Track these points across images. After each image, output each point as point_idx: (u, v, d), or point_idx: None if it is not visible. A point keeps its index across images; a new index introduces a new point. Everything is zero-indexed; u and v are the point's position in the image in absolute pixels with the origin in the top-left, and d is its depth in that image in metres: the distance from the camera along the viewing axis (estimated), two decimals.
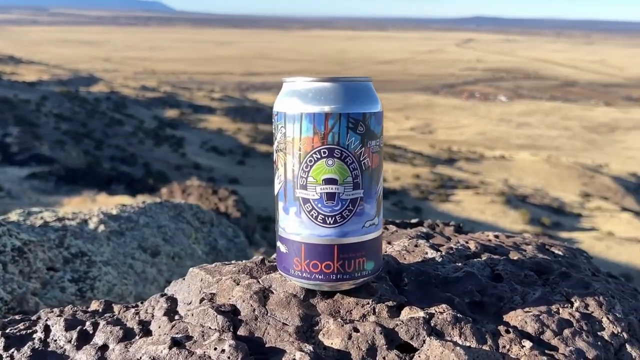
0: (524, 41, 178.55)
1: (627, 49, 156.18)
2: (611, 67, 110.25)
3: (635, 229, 27.78)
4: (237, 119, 48.83)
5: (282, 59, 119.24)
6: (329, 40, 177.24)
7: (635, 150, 46.30)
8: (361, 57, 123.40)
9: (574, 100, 72.42)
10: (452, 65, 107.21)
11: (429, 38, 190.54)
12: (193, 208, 1.90)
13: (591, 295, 0.60)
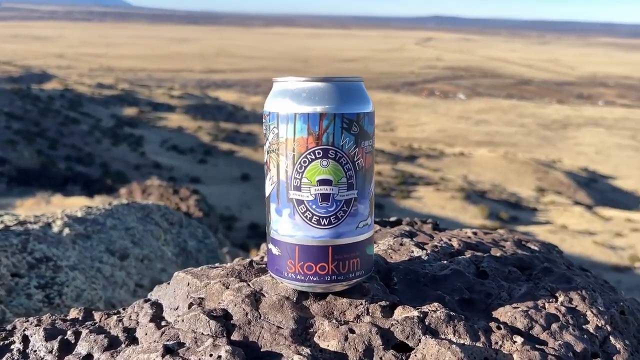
0: (481, 40, 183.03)
1: (579, 48, 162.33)
2: (564, 66, 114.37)
3: (586, 222, 28.93)
4: (198, 117, 48.10)
5: (243, 56, 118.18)
6: (291, 38, 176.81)
7: (586, 146, 48.21)
8: (323, 55, 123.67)
9: (529, 98, 74.77)
10: (413, 64, 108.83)
11: (390, 36, 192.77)
12: (161, 209, 1.86)
13: (574, 289, 0.62)
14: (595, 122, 58.00)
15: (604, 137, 51.48)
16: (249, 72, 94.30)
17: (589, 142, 49.56)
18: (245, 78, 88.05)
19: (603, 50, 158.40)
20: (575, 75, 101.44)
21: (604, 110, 66.90)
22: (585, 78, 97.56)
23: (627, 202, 35.74)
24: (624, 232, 27.39)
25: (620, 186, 39.34)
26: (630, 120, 59.03)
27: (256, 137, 44.41)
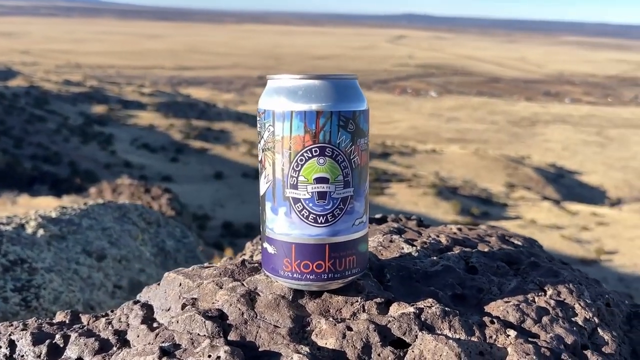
0: (452, 38, 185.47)
1: (546, 47, 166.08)
2: (532, 64, 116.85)
3: (554, 217, 29.68)
4: (170, 114, 47.41)
5: (215, 53, 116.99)
6: (263, 35, 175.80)
7: (553, 143, 49.40)
8: (296, 52, 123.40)
9: (499, 95, 76.15)
10: (385, 61, 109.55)
11: (362, 34, 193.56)
12: (138, 208, 1.82)
13: (561, 283, 0.63)
14: (562, 119, 59.48)
15: (570, 133, 52.84)
16: (221, 69, 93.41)
17: (556, 138, 50.81)
18: (217, 75, 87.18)
19: (569, 48, 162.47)
20: (542, 73, 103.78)
21: (570, 107, 68.65)
22: (552, 76, 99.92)
23: (593, 197, 36.80)
24: (590, 226, 28.19)
25: (586, 181, 40.46)
26: (595, 117, 60.74)
27: (229, 134, 44.04)
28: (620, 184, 39.75)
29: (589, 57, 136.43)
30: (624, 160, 44.70)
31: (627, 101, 76.06)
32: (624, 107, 69.93)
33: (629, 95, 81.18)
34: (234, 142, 41.62)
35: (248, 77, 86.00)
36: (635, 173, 41.69)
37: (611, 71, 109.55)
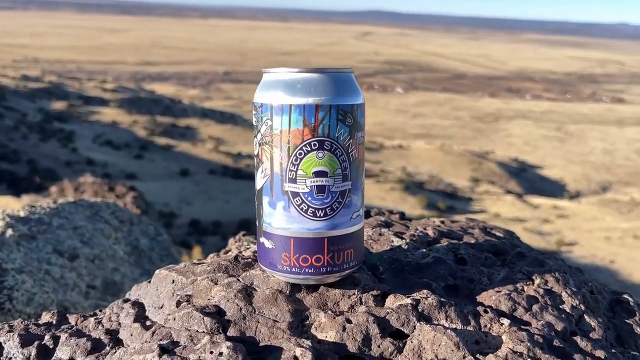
0: (417, 35, 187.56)
1: (509, 44, 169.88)
2: (494, 61, 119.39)
3: (517, 210, 30.50)
4: (133, 110, 46.44)
5: (179, 48, 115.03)
6: (229, 30, 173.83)
7: (516, 138, 50.68)
8: (262, 47, 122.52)
9: (463, 91, 77.51)
10: (352, 58, 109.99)
11: (329, 30, 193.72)
12: (110, 206, 1.78)
13: (548, 272, 0.65)
14: (524, 115, 61.06)
15: (531, 129, 54.31)
16: (186, 65, 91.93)
17: (518, 133, 52.11)
18: (182, 71, 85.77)
19: (530, 46, 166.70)
20: (505, 69, 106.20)
21: (531, 103, 70.54)
22: (514, 73, 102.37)
23: (553, 190, 37.98)
24: (550, 219, 29.11)
25: (547, 175, 41.71)
26: (555, 113, 62.60)
27: (195, 131, 43.45)
28: (579, 177, 41.14)
29: (549, 54, 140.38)
30: (583, 155, 46.28)
31: (585, 97, 78.65)
32: (582, 103, 72.31)
33: (587, 91, 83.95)
34: (200, 139, 41.10)
35: (214, 72, 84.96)
36: (593, 167, 43.24)
37: (570, 68, 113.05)
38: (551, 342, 0.54)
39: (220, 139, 41.03)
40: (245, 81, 75.90)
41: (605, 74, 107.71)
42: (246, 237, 0.98)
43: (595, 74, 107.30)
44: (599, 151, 47.05)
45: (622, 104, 72.53)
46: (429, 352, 0.51)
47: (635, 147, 47.93)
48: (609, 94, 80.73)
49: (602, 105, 70.40)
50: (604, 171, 42.24)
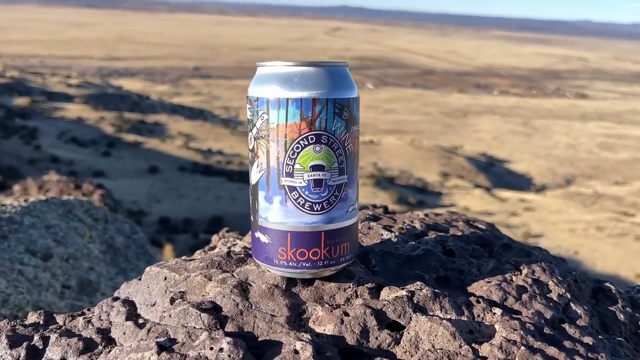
0: (387, 31, 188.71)
1: (476, 40, 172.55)
2: (462, 57, 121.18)
3: (486, 203, 31.12)
4: (100, 106, 45.39)
5: (147, 42, 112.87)
6: (198, 25, 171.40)
7: (484, 133, 51.61)
8: (232, 42, 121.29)
9: (433, 87, 78.45)
10: (323, 53, 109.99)
11: (299, 25, 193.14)
12: (84, 204, 1.74)
13: (534, 262, 0.67)
14: (492, 110, 62.22)
15: (499, 124, 55.40)
16: (154, 60, 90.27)
17: (486, 129, 53.08)
18: (150, 66, 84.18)
19: (497, 42, 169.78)
20: (472, 65, 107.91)
21: (499, 99, 71.93)
22: (482, 69, 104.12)
23: (520, 184, 38.86)
24: (518, 212, 29.80)
25: (514, 169, 42.64)
26: (521, 108, 64.01)
27: (164, 127, 42.75)
28: (544, 171, 42.21)
29: (515, 51, 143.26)
30: (548, 149, 47.49)
31: (550, 93, 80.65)
32: (547, 99, 74.14)
33: (551, 87, 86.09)
34: (169, 135, 40.47)
35: (183, 68, 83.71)
36: (558, 161, 44.42)
37: (535, 64, 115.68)
38: (542, 329, 0.55)
39: (190, 135, 40.50)
40: (215, 76, 75.04)
41: (568, 70, 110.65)
42: (230, 234, 0.97)
43: (559, 70, 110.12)
44: (563, 145, 48.37)
45: (584, 100, 74.67)
46: (425, 343, 0.52)
47: (598, 142, 49.47)
48: (573, 90, 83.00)
49: (566, 101, 72.33)
50: (568, 165, 43.45)
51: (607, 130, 53.79)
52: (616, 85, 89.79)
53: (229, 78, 73.33)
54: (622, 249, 24.45)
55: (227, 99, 59.47)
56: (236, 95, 61.37)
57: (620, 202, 32.67)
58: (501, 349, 0.51)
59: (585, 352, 0.53)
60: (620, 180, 39.20)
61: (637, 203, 32.54)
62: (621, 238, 25.88)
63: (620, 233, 26.56)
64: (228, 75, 76.09)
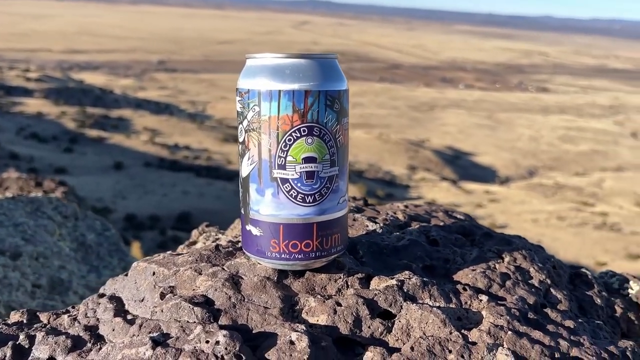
0: (354, 25, 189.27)
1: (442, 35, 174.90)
2: (429, 51, 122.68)
3: (452, 195, 31.69)
4: (61, 101, 44.09)
5: (110, 36, 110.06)
6: (162, 17, 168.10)
7: (450, 126, 52.45)
8: (198, 36, 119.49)
9: (400, 81, 79.19)
10: (290, 47, 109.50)
11: (266, 19, 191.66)
12: (53, 201, 1.70)
13: (515, 250, 0.69)
14: (457, 104, 63.26)
15: (464, 117, 56.39)
16: (117, 53, 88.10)
17: (452, 122, 53.94)
18: (113, 59, 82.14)
19: (462, 37, 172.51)
20: (439, 60, 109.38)
21: (464, 92, 73.16)
22: (448, 63, 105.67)
23: (485, 176, 39.72)
24: (483, 203, 30.47)
25: (480, 162, 43.53)
26: (486, 102, 65.30)
27: (128, 122, 41.85)
28: (508, 163, 43.24)
29: (480, 45, 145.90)
30: (511, 142, 48.63)
31: (513, 87, 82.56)
32: (510, 92, 75.85)
33: (514, 81, 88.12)
34: (134, 130, 39.65)
35: (147, 61, 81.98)
36: (521, 153, 45.57)
37: (499, 59, 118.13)
38: (526, 314, 0.57)
39: (156, 130, 39.78)
40: (181, 70, 73.83)
41: (530, 65, 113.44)
42: (210, 228, 0.97)
43: (521, 64, 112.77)
44: (526, 138, 49.62)
45: (546, 93, 76.73)
46: (417, 330, 0.53)
47: (559, 134, 50.96)
48: (535, 84, 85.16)
49: (528, 94, 74.17)
50: (531, 157, 44.63)
51: (568, 123, 55.47)
52: (576, 79, 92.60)
53: (195, 72, 72.24)
54: (582, 238, 25.33)
55: (194, 93, 58.62)
56: (203, 90, 60.56)
57: (580, 193, 33.82)
58: (489, 334, 0.52)
59: (567, 335, 0.55)
60: (580, 171, 40.54)
61: (596, 193, 33.75)
62: (581, 227, 26.80)
63: (581, 222, 27.50)
64: (194, 69, 74.95)
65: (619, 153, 45.18)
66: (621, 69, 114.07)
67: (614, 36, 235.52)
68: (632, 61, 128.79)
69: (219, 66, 77.18)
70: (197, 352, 0.47)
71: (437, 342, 0.51)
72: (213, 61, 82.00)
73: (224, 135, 39.41)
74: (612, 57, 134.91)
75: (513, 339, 0.52)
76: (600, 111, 62.29)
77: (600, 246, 24.56)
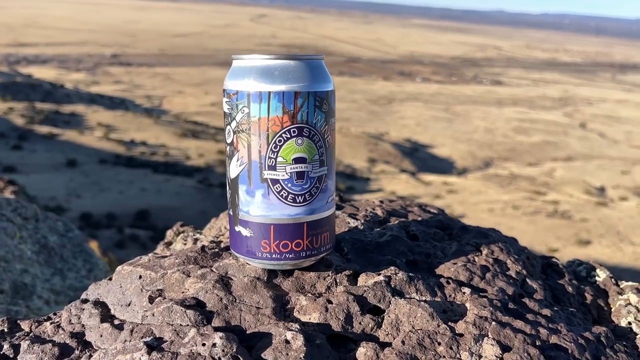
0: (312, 19, 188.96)
1: (399, 28, 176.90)
2: (386, 45, 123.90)
3: (412, 187, 32.24)
4: (7, 96, 42.22)
5: (59, 28, 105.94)
6: (114, 9, 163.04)
7: (408, 119, 53.24)
8: (153, 29, 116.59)
9: (358, 75, 79.67)
10: (248, 40, 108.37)
11: (223, 12, 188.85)
12: (12, 203, 1.63)
13: (492, 242, 0.71)
14: (415, 97, 64.23)
15: (422, 110, 57.33)
16: (68, 47, 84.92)
17: (410, 115, 54.76)
18: (64, 53, 79.13)
19: (418, 31, 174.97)
20: (396, 53, 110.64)
21: (421, 86, 74.32)
22: (405, 56, 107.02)
23: (443, 167, 40.57)
24: (441, 194, 31.15)
25: (437, 153, 44.41)
26: (443, 95, 66.56)
27: (81, 118, 40.49)
28: (465, 155, 44.29)
29: (436, 39, 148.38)
30: (468, 134, 49.82)
31: (469, 80, 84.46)
32: (466, 85, 77.58)
33: (469, 74, 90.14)
34: (87, 126, 38.41)
35: (100, 55, 79.40)
36: (477, 145, 46.75)
37: (454, 52, 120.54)
38: (507, 305, 0.59)
39: (111, 126, 38.66)
40: (136, 64, 71.87)
41: (485, 58, 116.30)
42: (185, 228, 0.95)
43: (476, 58, 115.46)
44: (482, 130, 50.94)
45: (500, 86, 78.90)
46: (406, 325, 0.54)
47: (513, 126, 52.54)
48: (489, 77, 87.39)
49: (483, 87, 76.08)
50: (487, 148, 45.87)
51: (521, 115, 57.27)
52: (528, 72, 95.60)
53: (150, 65, 70.51)
54: (535, 226, 26.30)
55: (150, 88, 57.21)
56: (159, 84, 59.19)
57: (533, 182, 35.06)
58: (475, 325, 0.54)
59: (546, 323, 0.57)
60: (533, 161, 42.00)
61: (548, 182, 35.06)
62: (534, 215, 27.81)
63: (534, 211, 28.53)
64: (150, 62, 73.13)
65: (569, 143, 47.06)
66: (570, 62, 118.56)
67: (563, 30, 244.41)
68: (580, 54, 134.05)
69: (175, 60, 75.60)
70: (194, 355, 0.47)
71: (426, 335, 0.52)
72: (169, 55, 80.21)
73: (181, 130, 38.72)
74: (561, 51, 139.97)
75: (497, 329, 0.54)
76: (551, 103, 64.61)
77: (553, 233, 25.58)
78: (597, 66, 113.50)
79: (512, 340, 0.53)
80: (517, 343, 0.53)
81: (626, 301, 0.68)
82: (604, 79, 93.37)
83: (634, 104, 65.39)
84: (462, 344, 0.52)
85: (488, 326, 0.54)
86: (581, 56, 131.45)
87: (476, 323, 0.54)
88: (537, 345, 0.53)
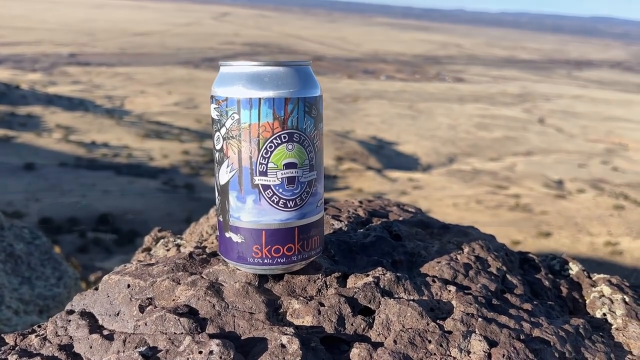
0: (276, 17, 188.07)
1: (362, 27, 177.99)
2: (350, 43, 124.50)
3: (378, 184, 32.56)
4: None
5: (13, 27, 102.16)
6: (71, 7, 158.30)
7: (373, 117, 53.68)
8: (112, 27, 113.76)
9: (324, 73, 79.78)
10: (211, 39, 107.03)
11: (185, 10, 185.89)
12: None
13: (472, 241, 0.73)
14: (380, 95, 64.81)
15: (387, 108, 57.90)
16: (22, 46, 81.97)
17: (375, 113, 55.23)
18: (19, 52, 76.35)
19: (381, 29, 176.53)
20: (360, 52, 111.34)
21: (385, 84, 75.05)
22: (369, 55, 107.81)
23: (409, 164, 41.10)
24: (407, 190, 31.55)
25: (402, 150, 44.94)
26: (407, 93, 67.39)
27: (38, 119, 39.17)
28: (429, 151, 44.99)
29: (399, 37, 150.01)
30: (432, 130, 50.62)
31: (431, 77, 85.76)
32: (429, 83, 78.78)
33: (432, 72, 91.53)
34: (45, 128, 37.18)
35: (57, 54, 76.99)
36: (441, 141, 47.56)
37: (417, 50, 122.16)
38: (490, 301, 0.60)
39: (70, 128, 37.53)
40: (95, 64, 70.01)
41: (446, 56, 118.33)
42: (163, 233, 0.94)
43: (438, 55, 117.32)
44: (445, 126, 51.84)
45: (461, 83, 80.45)
46: (396, 324, 0.55)
47: (474, 122, 53.68)
48: (451, 74, 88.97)
49: (446, 84, 77.41)
50: (450, 144, 46.72)
51: (482, 111, 58.56)
52: (488, 69, 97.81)
53: (110, 65, 68.80)
54: (498, 219, 26.95)
55: (110, 88, 55.84)
56: (120, 84, 57.83)
57: (495, 177, 35.93)
58: (462, 322, 0.56)
59: (528, 317, 0.59)
60: (494, 156, 43.03)
61: (509, 177, 35.99)
62: (497, 209, 28.50)
63: (496, 205, 29.24)
64: (110, 62, 71.35)
65: (528, 138, 48.43)
66: (528, 59, 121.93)
67: (521, 29, 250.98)
68: (538, 52, 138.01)
69: (136, 59, 73.98)
70: None
71: (417, 334, 0.53)
72: (129, 54, 78.42)
73: (144, 131, 37.94)
74: (520, 49, 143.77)
75: (483, 325, 0.55)
76: (510, 99, 66.32)
77: (515, 226, 26.28)
78: (554, 63, 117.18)
79: (498, 336, 0.55)
80: (503, 338, 0.54)
81: (600, 293, 0.71)
82: (560, 75, 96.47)
83: (589, 100, 67.86)
84: (452, 341, 0.53)
85: (475, 323, 0.56)
86: (538, 53, 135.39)
87: (463, 320, 0.56)
88: (522, 339, 0.55)
